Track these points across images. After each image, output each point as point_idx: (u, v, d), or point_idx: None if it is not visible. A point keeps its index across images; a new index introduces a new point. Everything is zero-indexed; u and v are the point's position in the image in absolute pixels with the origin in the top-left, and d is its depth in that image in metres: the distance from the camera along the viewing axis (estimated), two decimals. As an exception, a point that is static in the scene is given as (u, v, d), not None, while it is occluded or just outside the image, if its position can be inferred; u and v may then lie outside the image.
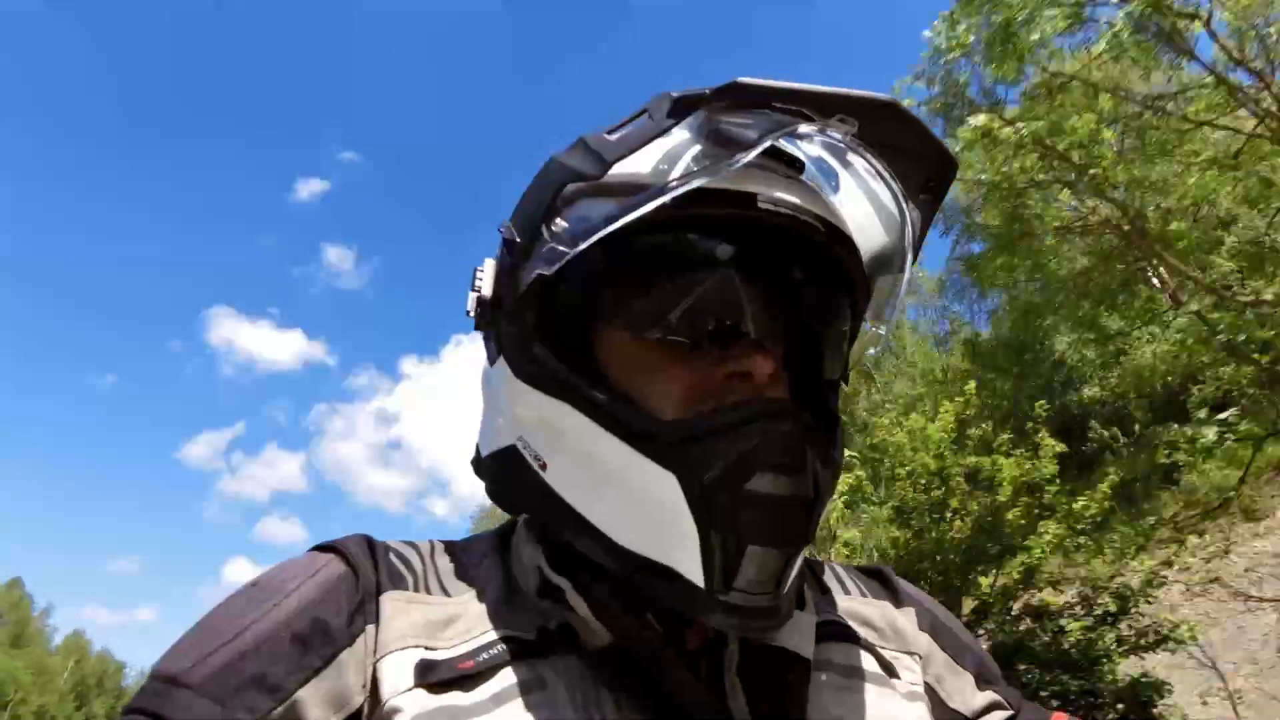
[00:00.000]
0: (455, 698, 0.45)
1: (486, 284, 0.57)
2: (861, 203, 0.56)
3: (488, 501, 0.61)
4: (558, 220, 0.51)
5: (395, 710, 0.44)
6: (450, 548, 0.58)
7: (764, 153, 0.51)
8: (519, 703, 0.45)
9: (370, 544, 0.54)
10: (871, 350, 0.61)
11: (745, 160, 0.46)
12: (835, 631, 0.58)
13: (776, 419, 0.47)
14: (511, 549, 0.57)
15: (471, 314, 0.58)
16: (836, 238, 0.53)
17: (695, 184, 0.46)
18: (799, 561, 0.49)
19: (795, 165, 0.54)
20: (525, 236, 0.53)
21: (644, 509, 0.47)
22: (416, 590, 0.51)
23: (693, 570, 0.46)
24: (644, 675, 0.48)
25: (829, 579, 0.67)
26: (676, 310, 0.51)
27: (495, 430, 0.58)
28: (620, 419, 0.48)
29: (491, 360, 0.59)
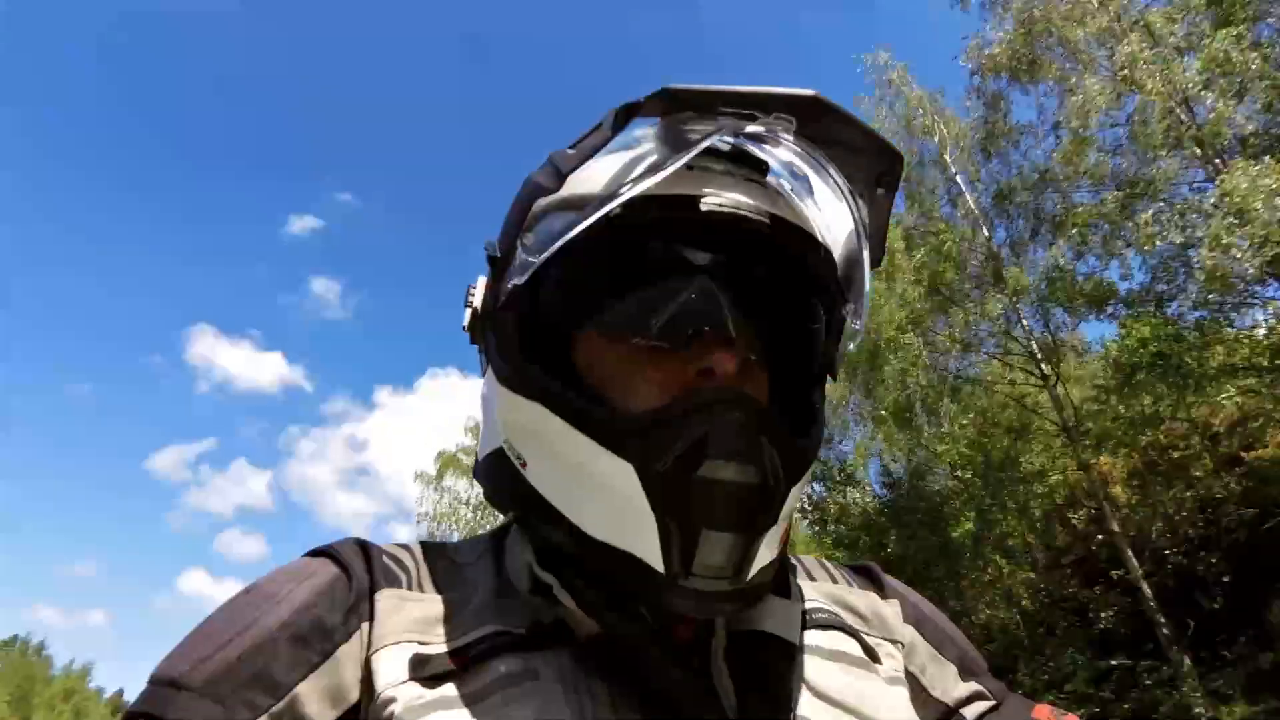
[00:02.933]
0: (448, 689, 0.46)
1: (478, 299, 0.60)
2: (825, 201, 0.58)
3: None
4: (528, 234, 0.54)
5: (390, 701, 0.45)
6: (443, 549, 0.59)
7: (729, 157, 0.53)
8: (511, 693, 0.46)
9: (363, 546, 0.56)
10: (852, 346, 0.62)
11: (678, 164, 0.48)
12: (821, 618, 0.59)
13: (727, 407, 0.48)
14: (505, 549, 0.58)
15: (466, 328, 0.61)
16: (798, 236, 0.54)
17: (634, 192, 0.48)
18: (763, 547, 0.50)
19: (760, 168, 0.56)
20: (504, 251, 0.56)
21: (608, 499, 0.49)
22: (410, 589, 0.53)
23: (652, 555, 0.48)
24: (632, 665, 0.49)
25: (816, 569, 0.68)
26: (640, 314, 0.53)
27: (488, 435, 0.60)
28: (584, 415, 0.50)
29: (483, 370, 0.61)
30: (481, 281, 0.61)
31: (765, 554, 0.50)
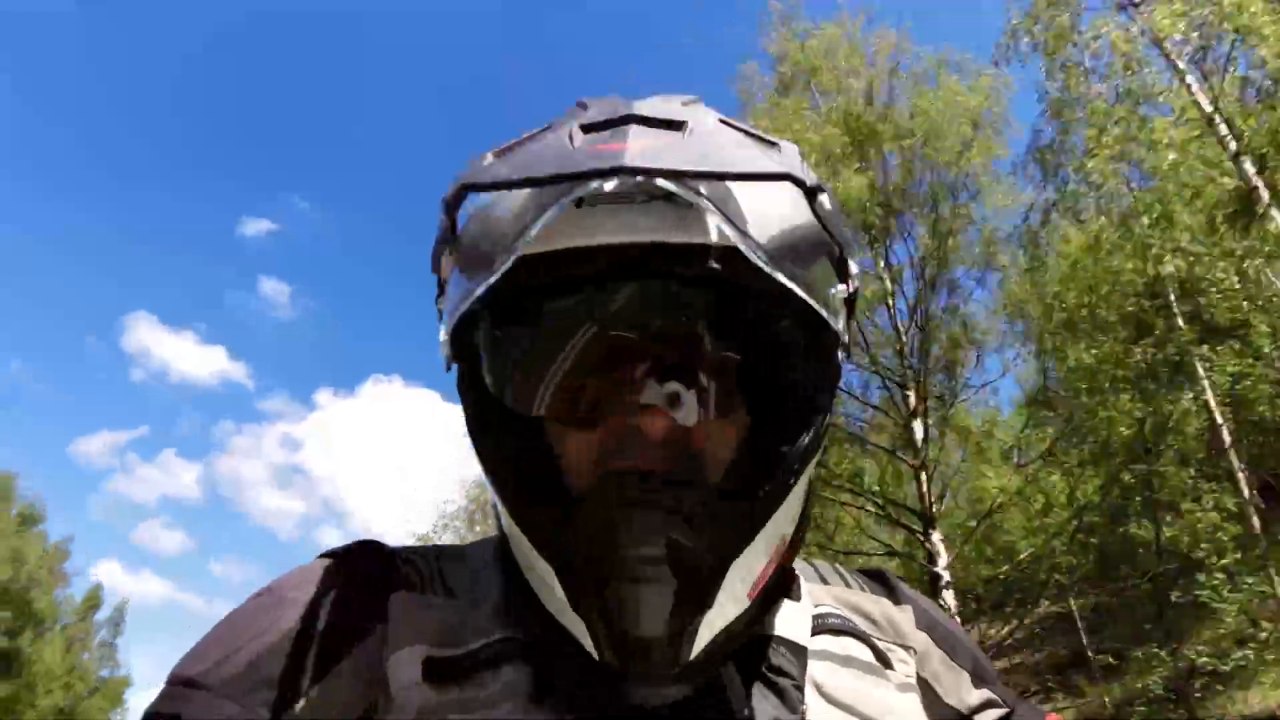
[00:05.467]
0: (460, 693, 0.47)
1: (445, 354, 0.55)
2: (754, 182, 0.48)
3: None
4: (442, 297, 0.52)
5: (404, 704, 0.46)
6: (456, 553, 0.60)
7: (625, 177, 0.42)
8: (522, 699, 0.46)
9: (378, 548, 0.56)
10: (841, 354, 0.54)
11: (541, 211, 0.43)
12: (833, 623, 0.59)
13: (635, 506, 0.45)
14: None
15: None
16: (717, 256, 0.45)
17: (491, 283, 0.44)
18: (709, 622, 0.46)
19: (654, 192, 0.45)
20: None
21: (547, 584, 0.48)
22: (424, 592, 0.53)
23: (590, 646, 0.46)
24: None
25: (830, 574, 0.68)
26: (557, 386, 0.50)
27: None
28: (510, 501, 0.48)
29: None
30: None
31: (717, 624, 0.47)
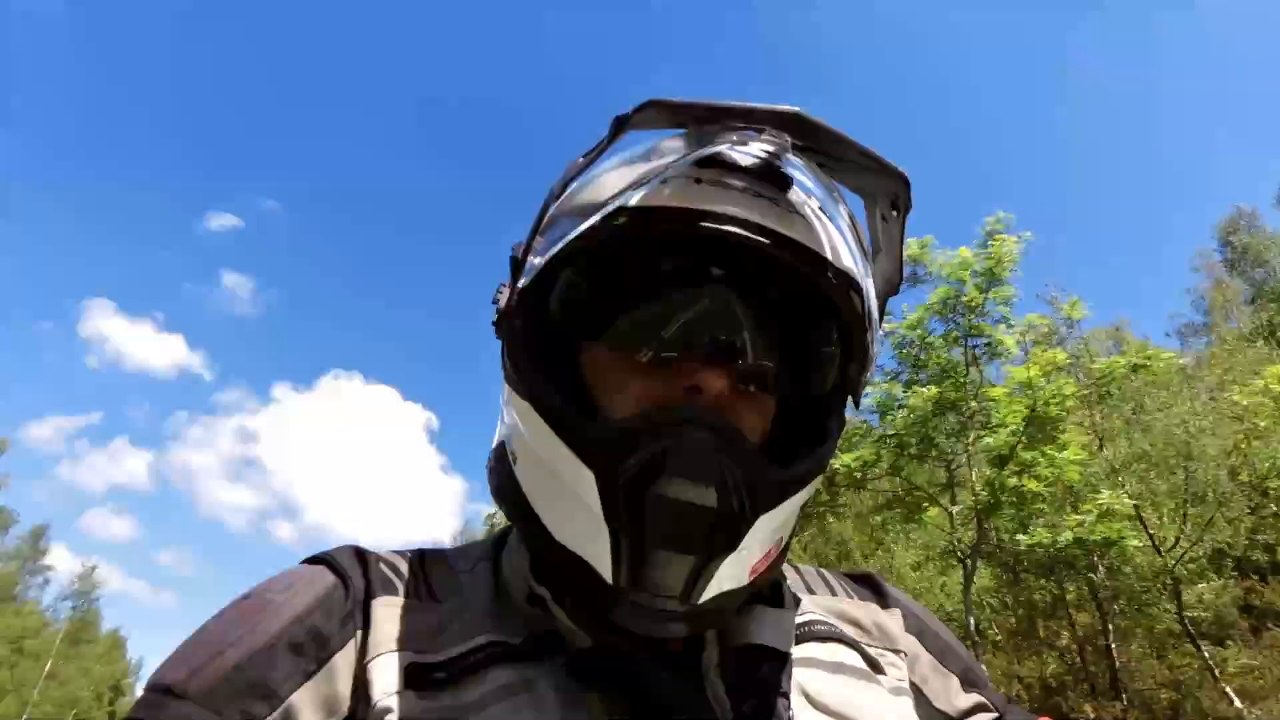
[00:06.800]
0: (444, 699, 0.46)
1: (503, 299, 0.59)
2: (847, 223, 0.55)
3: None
4: (540, 237, 0.54)
5: (386, 710, 0.45)
6: (441, 555, 0.59)
7: (751, 173, 0.50)
8: (507, 704, 0.46)
9: (360, 553, 0.56)
10: (865, 375, 0.58)
11: (661, 178, 0.48)
12: (820, 630, 0.59)
13: (694, 426, 0.47)
14: (503, 557, 0.58)
15: (494, 325, 0.60)
16: (807, 256, 0.50)
17: (629, 201, 0.48)
18: (723, 572, 0.48)
19: (781, 185, 0.50)
20: (523, 253, 0.56)
21: (571, 504, 0.49)
22: (407, 596, 0.53)
23: (603, 566, 0.48)
24: (627, 677, 0.49)
25: (816, 581, 0.68)
26: (646, 327, 0.52)
27: (497, 431, 0.61)
28: (560, 418, 0.50)
29: (501, 369, 0.61)
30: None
31: (726, 579, 0.49)
